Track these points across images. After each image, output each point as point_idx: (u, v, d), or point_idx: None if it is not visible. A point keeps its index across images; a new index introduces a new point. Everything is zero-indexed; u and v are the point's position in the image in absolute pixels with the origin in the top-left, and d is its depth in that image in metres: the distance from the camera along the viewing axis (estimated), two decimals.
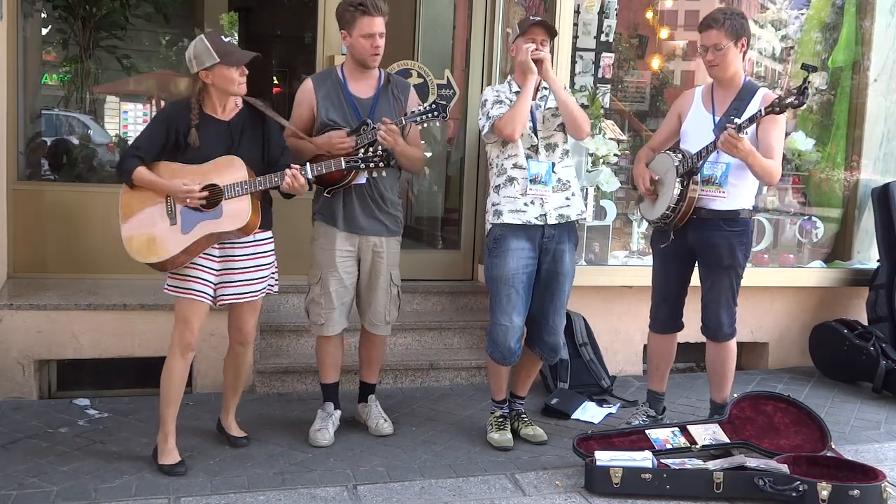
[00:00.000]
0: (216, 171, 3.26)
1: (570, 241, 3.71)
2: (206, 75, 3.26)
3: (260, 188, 3.28)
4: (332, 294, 3.70)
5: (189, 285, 3.31)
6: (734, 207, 3.68)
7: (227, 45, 3.27)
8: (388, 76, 3.76)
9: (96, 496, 3.10)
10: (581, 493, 3.31)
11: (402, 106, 3.71)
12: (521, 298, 3.65)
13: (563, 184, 3.67)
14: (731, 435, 3.65)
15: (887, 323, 5.07)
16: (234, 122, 3.36)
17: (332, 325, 3.74)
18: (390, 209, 3.74)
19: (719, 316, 3.78)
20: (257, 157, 3.38)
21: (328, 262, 3.68)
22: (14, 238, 4.58)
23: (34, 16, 5.34)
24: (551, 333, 3.74)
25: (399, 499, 3.21)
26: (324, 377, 3.88)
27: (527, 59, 3.52)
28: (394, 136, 3.48)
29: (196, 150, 3.27)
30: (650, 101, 5.67)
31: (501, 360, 3.70)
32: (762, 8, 5.88)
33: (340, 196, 3.64)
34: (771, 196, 5.52)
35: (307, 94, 3.68)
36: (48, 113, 5.74)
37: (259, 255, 3.43)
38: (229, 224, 3.26)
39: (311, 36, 5.57)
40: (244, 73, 3.31)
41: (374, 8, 3.51)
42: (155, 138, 3.31)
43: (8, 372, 4.08)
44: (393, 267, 3.78)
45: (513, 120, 3.51)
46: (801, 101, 3.38)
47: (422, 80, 5.14)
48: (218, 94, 3.31)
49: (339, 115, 3.62)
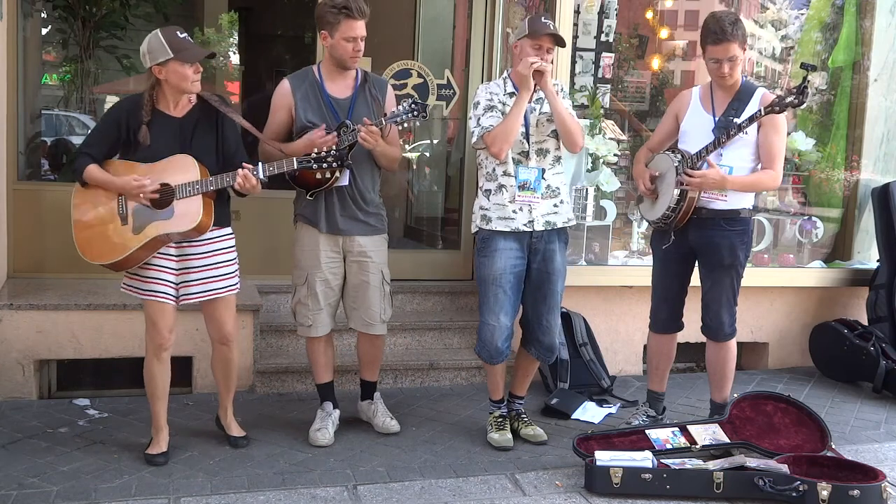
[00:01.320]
0: (169, 170, 3.24)
1: (559, 241, 3.70)
2: (159, 70, 3.22)
3: (212, 188, 3.25)
4: (319, 295, 3.69)
5: (148, 286, 3.32)
6: (735, 207, 3.69)
7: (182, 41, 3.22)
8: (364, 75, 3.73)
9: (96, 496, 3.10)
10: (581, 493, 3.31)
11: (379, 105, 3.69)
12: (509, 298, 3.65)
13: (552, 190, 3.66)
14: (731, 435, 3.65)
15: (887, 323, 5.07)
16: (187, 119, 3.33)
17: (320, 326, 3.74)
18: (371, 209, 3.71)
19: (720, 315, 3.78)
20: (211, 154, 3.35)
21: (313, 264, 3.67)
22: (14, 238, 4.58)
23: (34, 16, 5.35)
24: (546, 333, 3.74)
25: (399, 499, 3.21)
26: (317, 377, 3.88)
27: (528, 74, 3.45)
28: (375, 137, 3.47)
29: (148, 147, 3.25)
30: (650, 101, 5.67)
31: (489, 358, 3.71)
32: (762, 8, 5.89)
33: (322, 197, 3.62)
34: (771, 196, 5.51)
35: (285, 97, 3.63)
36: (48, 113, 5.75)
37: (218, 252, 3.41)
38: (181, 224, 3.24)
39: (311, 36, 5.57)
40: (199, 71, 3.26)
41: (358, 12, 3.50)
42: (106, 136, 3.30)
43: (8, 372, 4.08)
44: (383, 265, 3.77)
45: (501, 139, 3.48)
46: (801, 101, 3.39)
47: (422, 80, 5.14)
48: (171, 90, 3.27)
49: (318, 117, 3.58)
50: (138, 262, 3.28)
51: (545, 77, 3.48)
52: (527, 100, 3.51)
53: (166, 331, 3.37)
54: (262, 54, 8.78)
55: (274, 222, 4.64)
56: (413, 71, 5.12)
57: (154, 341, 3.38)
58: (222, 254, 3.43)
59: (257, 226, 4.84)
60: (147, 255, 3.28)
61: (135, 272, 3.32)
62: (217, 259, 3.41)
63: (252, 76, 8.16)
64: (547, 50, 3.53)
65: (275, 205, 4.49)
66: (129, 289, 3.37)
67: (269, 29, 9.13)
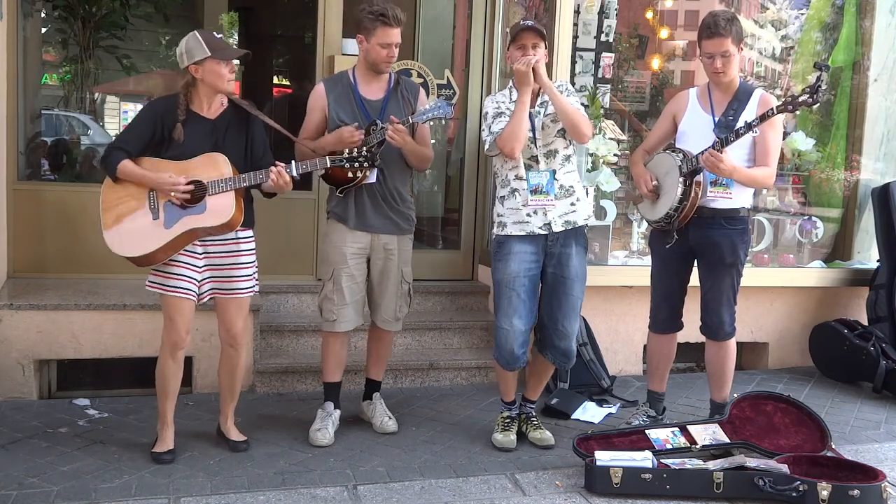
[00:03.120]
0: (200, 168, 3.29)
1: (577, 245, 3.68)
2: (196, 69, 3.29)
3: (244, 185, 3.30)
4: (345, 290, 3.73)
5: (171, 282, 3.34)
6: (735, 206, 3.70)
7: (218, 41, 3.32)
8: (397, 78, 3.82)
9: (96, 496, 3.10)
10: (581, 493, 3.31)
11: (411, 107, 3.76)
12: (524, 303, 3.62)
13: (566, 190, 3.65)
14: (731, 435, 3.65)
15: (887, 323, 5.07)
16: (219, 121, 3.39)
17: (345, 321, 3.76)
18: (402, 207, 3.77)
19: (720, 315, 3.78)
20: (240, 157, 3.40)
21: (339, 260, 3.72)
22: (14, 238, 4.58)
23: (34, 16, 5.34)
24: (562, 338, 3.69)
25: (399, 499, 3.21)
26: (327, 376, 3.88)
27: (527, 70, 3.44)
28: (402, 135, 3.54)
29: (180, 146, 3.30)
30: (650, 101, 5.67)
31: (505, 364, 3.68)
32: (762, 8, 5.89)
33: (352, 195, 3.69)
34: (771, 196, 5.52)
35: (320, 99, 3.73)
36: (48, 113, 5.74)
37: (241, 253, 3.44)
38: (213, 219, 3.28)
39: (311, 36, 5.57)
40: (233, 70, 3.34)
41: (395, 20, 3.59)
42: (141, 133, 3.33)
43: (8, 372, 4.08)
44: (405, 264, 3.82)
45: (511, 138, 3.48)
46: (816, 100, 3.39)
47: (422, 80, 5.14)
48: (206, 90, 3.33)
49: (350, 118, 3.66)
50: (166, 256, 3.31)
51: (539, 72, 3.48)
52: (529, 95, 3.50)
53: (184, 330, 3.39)
54: (262, 54, 8.77)
55: (275, 223, 4.64)
56: (413, 71, 5.12)
57: (171, 339, 3.39)
58: (244, 255, 3.45)
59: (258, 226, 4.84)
60: (176, 250, 3.31)
61: (160, 269, 3.34)
62: (239, 259, 3.44)
63: (252, 76, 8.16)
64: (533, 45, 3.52)
65: (275, 206, 4.47)
66: (153, 286, 3.38)
67: (269, 29, 9.13)
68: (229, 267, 3.42)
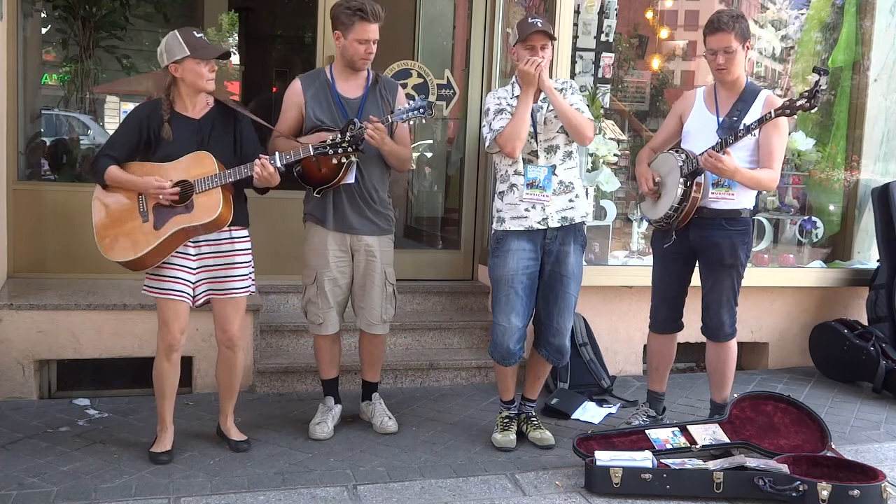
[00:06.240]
0: (186, 168, 3.29)
1: (575, 243, 3.68)
2: (175, 69, 3.28)
3: (230, 180, 3.29)
4: (328, 293, 3.71)
5: (166, 285, 3.34)
6: (737, 207, 3.69)
7: (198, 40, 3.29)
8: (376, 76, 3.76)
9: (96, 496, 3.10)
10: (581, 493, 3.31)
11: (390, 106, 3.71)
12: (521, 300, 3.63)
13: (565, 186, 3.64)
14: (731, 435, 3.65)
15: (887, 323, 5.06)
16: (204, 121, 3.38)
17: (330, 324, 3.76)
18: (380, 207, 3.73)
19: (721, 315, 3.78)
20: (229, 155, 3.39)
21: (321, 263, 3.69)
22: (14, 238, 4.58)
23: (34, 16, 5.34)
24: (556, 335, 3.71)
25: (399, 499, 3.21)
26: (323, 374, 3.91)
27: (533, 71, 3.43)
28: (380, 135, 3.49)
29: (167, 147, 3.30)
30: (650, 101, 5.67)
31: (501, 360, 3.70)
32: (762, 8, 5.89)
33: (330, 196, 3.64)
34: (771, 196, 5.51)
35: (296, 96, 3.68)
36: (48, 113, 5.74)
37: (236, 253, 3.44)
38: (201, 217, 3.28)
39: (311, 36, 5.57)
40: (213, 70, 3.32)
41: (373, 15, 3.53)
42: (127, 138, 3.35)
43: (8, 372, 4.08)
44: (387, 265, 3.78)
45: (512, 137, 3.48)
46: (813, 105, 3.39)
47: (422, 80, 5.14)
48: (187, 89, 3.33)
49: (327, 116, 3.62)
50: (159, 259, 3.31)
51: (541, 75, 3.48)
52: (531, 95, 3.50)
53: (178, 332, 3.39)
54: (262, 54, 8.78)
55: (274, 223, 4.64)
56: (413, 71, 5.12)
57: (165, 341, 3.39)
58: (239, 255, 3.45)
59: (258, 226, 4.81)
60: (169, 251, 3.31)
61: (154, 272, 3.35)
62: (234, 259, 3.43)
63: (252, 76, 8.16)
64: (541, 47, 3.52)
65: (275, 205, 4.48)
66: (149, 290, 3.39)
67: (269, 29, 9.13)
68: (224, 267, 3.42)
